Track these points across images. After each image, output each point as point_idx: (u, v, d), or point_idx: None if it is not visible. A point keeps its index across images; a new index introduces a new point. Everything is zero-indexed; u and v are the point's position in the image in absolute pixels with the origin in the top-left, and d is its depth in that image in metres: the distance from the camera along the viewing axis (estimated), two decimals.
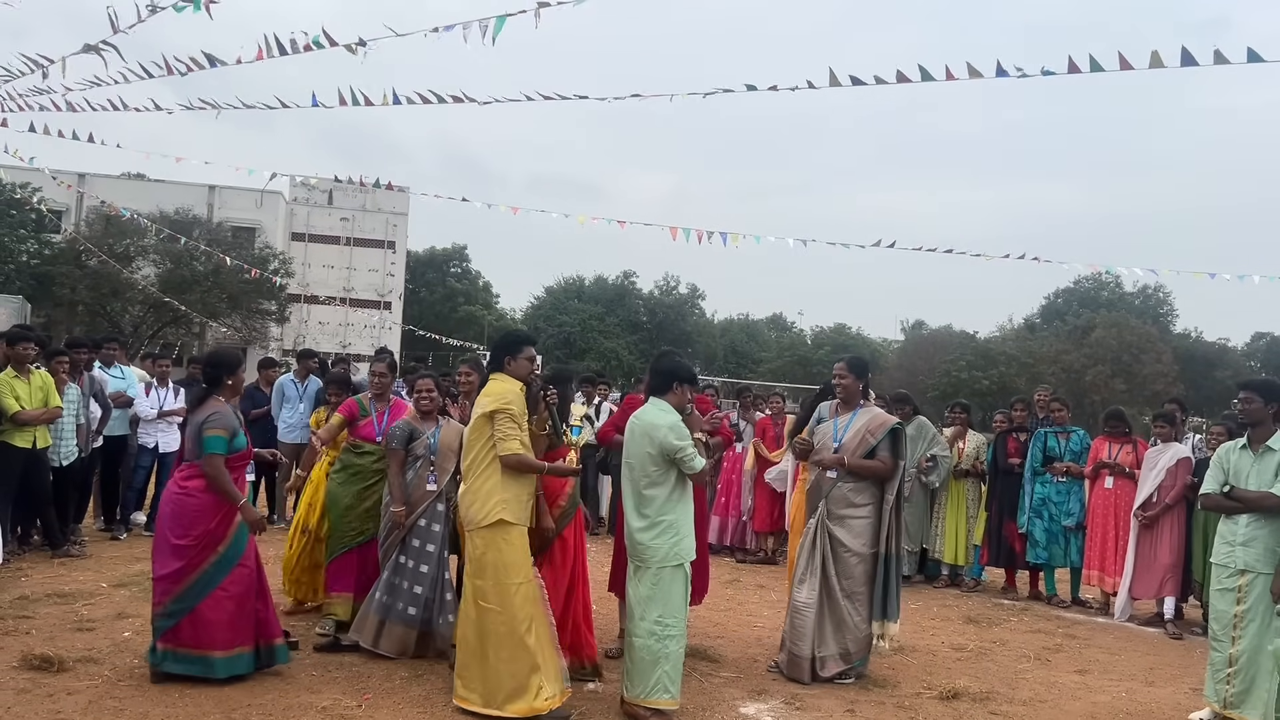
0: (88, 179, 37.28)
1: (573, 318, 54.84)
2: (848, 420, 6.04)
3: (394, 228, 48.34)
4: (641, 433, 5.09)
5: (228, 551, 5.22)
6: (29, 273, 31.52)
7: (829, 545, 5.92)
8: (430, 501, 5.93)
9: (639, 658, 4.96)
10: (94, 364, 9.22)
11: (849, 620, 5.87)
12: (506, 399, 4.94)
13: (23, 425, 7.69)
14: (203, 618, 5.13)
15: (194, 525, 5.15)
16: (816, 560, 5.90)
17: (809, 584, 5.89)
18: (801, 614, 5.86)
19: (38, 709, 4.65)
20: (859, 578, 5.91)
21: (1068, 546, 8.89)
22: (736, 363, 60.16)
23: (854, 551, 5.89)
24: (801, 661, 5.82)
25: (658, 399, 5.22)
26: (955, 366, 43.51)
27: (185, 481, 5.24)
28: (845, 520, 5.93)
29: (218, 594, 5.17)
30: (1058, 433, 9.17)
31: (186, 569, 5.13)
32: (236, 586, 5.24)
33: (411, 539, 5.90)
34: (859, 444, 5.92)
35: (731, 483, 10.69)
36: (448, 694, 5.15)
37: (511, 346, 5.22)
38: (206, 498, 5.18)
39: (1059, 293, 56.69)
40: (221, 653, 5.14)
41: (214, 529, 5.18)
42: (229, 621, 5.19)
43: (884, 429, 5.96)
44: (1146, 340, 44.30)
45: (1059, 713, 5.63)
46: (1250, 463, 5.51)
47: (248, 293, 34.96)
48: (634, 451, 5.12)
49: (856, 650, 5.91)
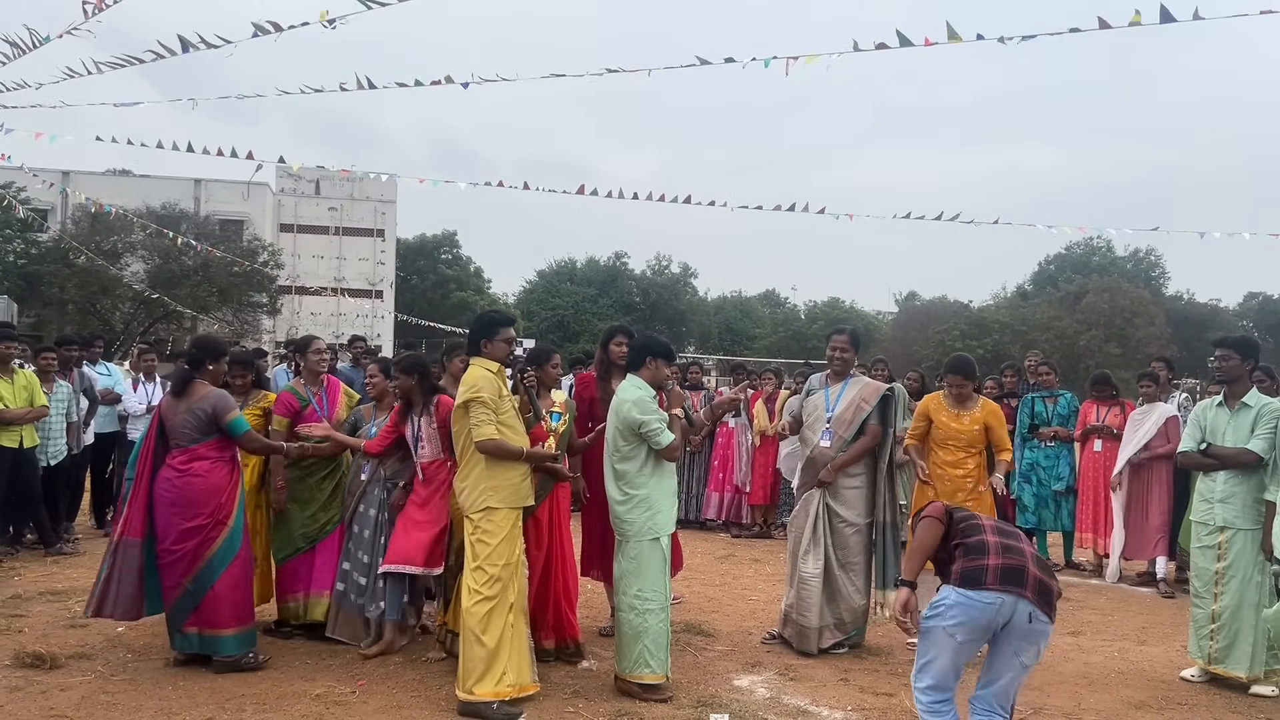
0: (72, 176, 37.11)
1: (566, 300, 54.82)
2: (839, 390, 6.08)
3: (383, 215, 48.25)
4: (614, 408, 5.17)
5: (235, 525, 5.39)
6: (16, 273, 31.42)
7: (827, 517, 5.96)
8: (363, 489, 5.92)
9: (623, 632, 5.03)
10: (83, 361, 9.20)
11: (844, 590, 5.91)
12: (477, 387, 4.89)
13: (8, 425, 7.67)
14: (220, 596, 5.25)
15: (204, 504, 5.28)
16: (820, 532, 5.93)
17: (814, 555, 5.92)
18: (809, 585, 5.88)
19: (30, 706, 4.66)
20: (854, 548, 5.96)
21: (1058, 511, 8.91)
22: (731, 340, 60.23)
23: (849, 522, 5.94)
24: (810, 632, 5.86)
25: (633, 375, 5.24)
26: (949, 336, 43.54)
27: (185, 465, 5.32)
28: (840, 492, 5.97)
29: (232, 569, 5.31)
30: (1045, 397, 9.18)
31: (201, 546, 5.26)
32: (246, 561, 5.45)
33: (353, 525, 5.91)
34: (853, 413, 5.96)
35: (727, 457, 10.70)
36: (441, 678, 5.17)
37: (487, 329, 5.13)
38: (211, 478, 5.32)
39: (1051, 259, 56.81)
40: (231, 631, 5.25)
41: (224, 503, 5.34)
42: (242, 599, 5.36)
43: (876, 395, 6.01)
44: (1139, 304, 44.40)
45: (1051, 675, 5.66)
46: (1226, 419, 5.54)
47: (238, 285, 34.89)
48: (610, 426, 5.20)
49: (852, 620, 5.95)
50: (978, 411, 6.29)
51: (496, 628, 4.77)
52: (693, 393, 11.15)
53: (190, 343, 5.84)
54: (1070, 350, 40.95)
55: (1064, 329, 43.27)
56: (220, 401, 5.39)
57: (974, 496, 6.15)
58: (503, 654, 4.76)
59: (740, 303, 67.48)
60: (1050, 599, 3.86)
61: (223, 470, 5.40)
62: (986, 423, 6.27)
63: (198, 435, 5.35)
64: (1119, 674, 5.77)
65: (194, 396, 5.38)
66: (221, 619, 5.24)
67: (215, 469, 5.36)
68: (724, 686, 5.26)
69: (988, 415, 6.28)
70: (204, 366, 5.51)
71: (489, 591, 4.77)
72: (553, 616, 5.55)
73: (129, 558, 5.37)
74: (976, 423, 6.26)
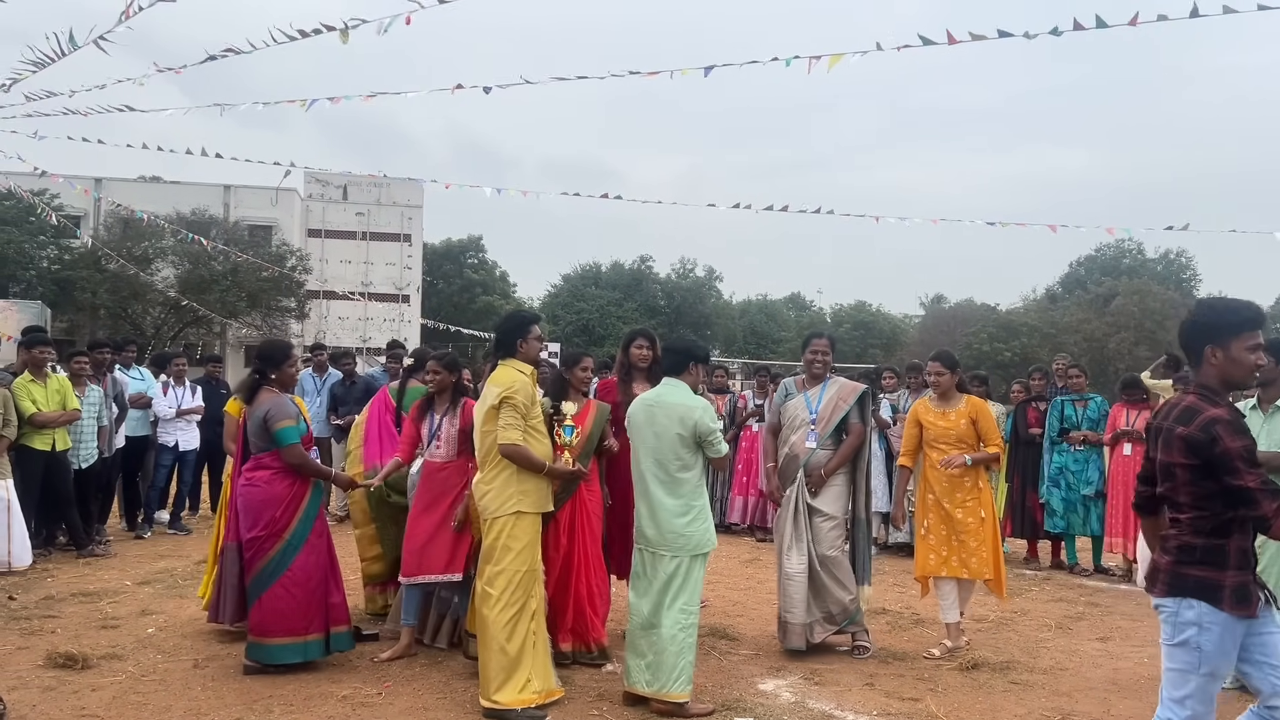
0: (104, 183, 37.52)
1: (591, 304, 54.84)
2: (819, 392, 6.18)
3: (409, 220, 48.45)
4: (667, 415, 4.94)
5: (292, 538, 5.31)
6: (50, 278, 31.83)
7: (808, 513, 5.97)
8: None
9: (668, 649, 4.80)
10: (115, 365, 9.32)
11: (829, 584, 5.92)
12: (514, 388, 4.81)
13: (40, 427, 7.79)
14: (264, 605, 5.25)
15: (260, 515, 5.29)
16: (801, 528, 5.95)
17: (796, 551, 5.94)
18: (794, 580, 5.89)
19: (62, 705, 4.71)
20: (832, 541, 5.98)
21: (1087, 515, 8.83)
22: (756, 343, 60.05)
23: (827, 516, 5.98)
24: (796, 628, 5.85)
25: (672, 379, 5.13)
26: (977, 339, 43.27)
27: (250, 474, 5.37)
28: (821, 487, 6.01)
29: (284, 580, 5.27)
30: (1075, 400, 9.11)
31: (255, 557, 5.29)
32: (303, 573, 5.32)
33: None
34: (833, 411, 6.08)
35: (751, 461, 10.68)
36: (466, 680, 5.19)
37: (520, 328, 5.04)
38: (270, 488, 5.29)
39: (1080, 261, 56.23)
40: (277, 640, 5.23)
41: (279, 516, 5.29)
42: (295, 610, 5.27)
43: (854, 394, 6.14)
44: (1170, 306, 43.83)
45: (1080, 680, 5.61)
46: (1260, 422, 5.47)
47: (267, 290, 35.17)
48: (659, 434, 4.95)
49: (840, 612, 5.94)
50: (963, 407, 6.24)
51: (520, 634, 4.76)
52: (717, 396, 11.15)
53: (256, 354, 5.82)
54: (1099, 353, 40.52)
55: (1092, 332, 42.85)
56: (273, 409, 5.31)
57: (972, 495, 6.10)
58: (525, 660, 4.75)
59: (765, 306, 67.27)
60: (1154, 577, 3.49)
61: (283, 483, 5.31)
62: (972, 417, 6.21)
63: (261, 444, 5.36)
64: (1149, 680, 5.69)
65: (257, 404, 5.39)
66: (268, 627, 5.23)
67: (275, 480, 5.30)
68: (748, 690, 5.25)
69: (973, 410, 6.21)
70: (270, 372, 5.48)
71: (512, 597, 4.76)
72: (573, 619, 5.53)
73: (229, 560, 5.55)
74: (962, 417, 6.21)
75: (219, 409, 10.20)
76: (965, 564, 6.04)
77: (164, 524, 9.74)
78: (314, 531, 5.40)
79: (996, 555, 6.10)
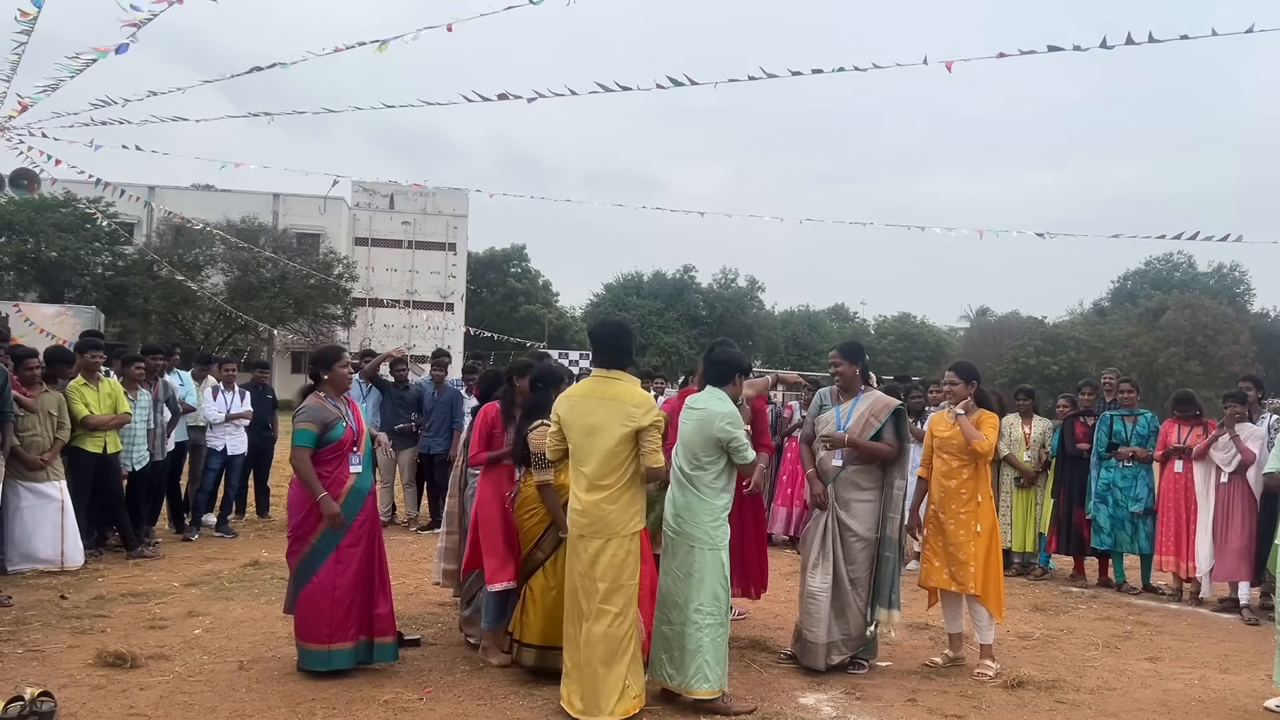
0: (157, 191, 38.30)
1: (632, 314, 54.99)
2: (850, 406, 6.03)
3: (454, 230, 48.92)
4: (698, 419, 5.13)
5: (318, 543, 5.33)
6: (104, 284, 32.52)
7: (838, 530, 5.88)
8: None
9: (685, 647, 4.96)
10: (167, 370, 9.48)
11: (852, 605, 5.82)
12: (659, 411, 4.98)
13: (93, 430, 7.95)
14: (299, 610, 5.33)
15: (292, 517, 5.42)
16: (828, 546, 5.87)
17: (821, 569, 5.85)
18: (816, 599, 5.81)
19: (111, 704, 4.79)
20: (862, 563, 5.87)
21: (1135, 533, 8.66)
22: (799, 354, 59.80)
23: (859, 536, 5.85)
24: (817, 648, 5.76)
25: (716, 388, 5.26)
26: (1023, 352, 42.80)
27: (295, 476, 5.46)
28: (850, 505, 5.89)
29: (310, 588, 5.30)
30: (1124, 415, 8.94)
31: (288, 560, 5.40)
32: (329, 582, 5.30)
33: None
34: (863, 428, 5.89)
35: (795, 472, 10.61)
36: (507, 685, 5.21)
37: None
38: (299, 490, 5.37)
39: (1129, 275, 55.48)
40: (318, 645, 5.28)
41: (304, 519, 5.34)
42: (319, 617, 5.28)
43: (887, 411, 5.92)
44: (1222, 320, 43.08)
45: (1128, 701, 5.50)
46: None
47: (313, 298, 35.67)
48: (687, 436, 5.16)
49: (857, 638, 5.84)
50: (974, 418, 6.08)
51: (632, 648, 4.85)
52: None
53: (309, 359, 5.88)
54: (1148, 368, 39.89)
55: (1141, 346, 42.20)
56: (299, 412, 5.38)
57: (969, 508, 6.00)
58: (630, 672, 4.83)
59: (808, 317, 67.02)
60: None
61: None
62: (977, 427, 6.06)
63: None
64: (1200, 703, 5.58)
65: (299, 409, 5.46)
66: (301, 630, 5.33)
67: (301, 484, 5.36)
68: (789, 704, 5.21)
69: (978, 420, 6.06)
70: (321, 380, 5.51)
71: (630, 612, 4.86)
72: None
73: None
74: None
75: (265, 414, 10.38)
76: (954, 576, 5.94)
77: (211, 527, 9.88)
78: (348, 541, 5.36)
79: (989, 570, 5.92)
